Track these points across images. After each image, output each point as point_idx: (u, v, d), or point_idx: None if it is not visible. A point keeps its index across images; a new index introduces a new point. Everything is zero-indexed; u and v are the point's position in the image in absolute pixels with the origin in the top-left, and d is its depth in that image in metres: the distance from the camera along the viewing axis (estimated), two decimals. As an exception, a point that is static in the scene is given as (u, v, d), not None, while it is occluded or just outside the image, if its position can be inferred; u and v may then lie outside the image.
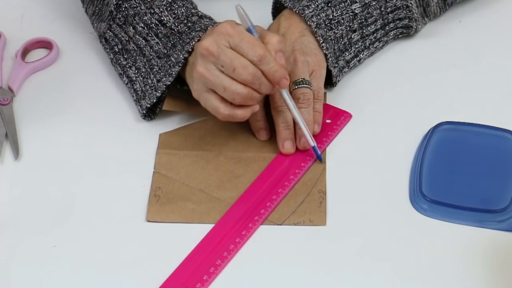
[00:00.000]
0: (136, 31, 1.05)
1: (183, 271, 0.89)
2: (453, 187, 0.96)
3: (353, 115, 1.05)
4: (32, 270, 0.91)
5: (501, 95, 1.07)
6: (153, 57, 1.03)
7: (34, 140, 1.04)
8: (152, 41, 1.03)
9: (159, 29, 1.03)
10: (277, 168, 0.99)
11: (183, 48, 0.99)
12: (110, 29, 1.07)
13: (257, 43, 0.94)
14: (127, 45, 1.06)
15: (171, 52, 1.01)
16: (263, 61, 0.93)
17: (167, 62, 1.01)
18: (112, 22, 1.07)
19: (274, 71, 0.94)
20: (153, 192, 0.97)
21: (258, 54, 0.93)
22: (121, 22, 1.06)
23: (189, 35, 1.00)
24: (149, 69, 1.03)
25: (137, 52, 1.05)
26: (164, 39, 1.03)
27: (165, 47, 1.02)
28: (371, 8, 1.08)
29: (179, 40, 1.01)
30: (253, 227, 0.93)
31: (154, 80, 1.02)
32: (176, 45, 1.01)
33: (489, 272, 0.89)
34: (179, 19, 1.02)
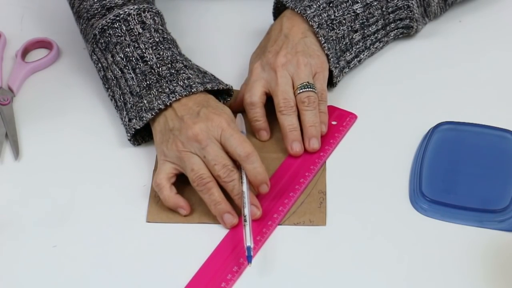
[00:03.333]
0: (114, 60, 1.03)
1: (201, 278, 0.89)
2: (453, 187, 0.96)
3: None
4: (32, 270, 0.91)
5: (501, 95, 1.07)
6: (126, 92, 1.01)
7: (34, 140, 1.04)
8: (128, 75, 1.01)
9: (138, 64, 1.01)
10: (286, 171, 0.99)
11: (159, 97, 0.98)
12: (94, 52, 1.06)
13: (247, 142, 0.94)
14: (106, 73, 1.04)
15: (144, 93, 1.00)
16: (249, 159, 0.93)
17: (139, 103, 0.99)
18: (95, 46, 1.05)
19: (258, 172, 0.93)
20: (153, 193, 0.97)
21: (246, 151, 0.93)
22: (102, 48, 1.04)
23: (169, 84, 0.99)
24: (123, 104, 1.02)
25: (114, 83, 1.03)
26: (141, 76, 1.01)
27: (139, 85, 1.00)
28: (372, 8, 1.08)
29: (156, 83, 0.99)
30: (268, 231, 0.93)
31: (126, 119, 1.01)
32: (151, 87, 0.99)
33: (489, 272, 0.89)
34: (163, 61, 1.01)
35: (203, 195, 0.94)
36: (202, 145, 0.93)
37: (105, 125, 1.05)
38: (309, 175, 0.98)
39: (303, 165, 0.99)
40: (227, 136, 0.94)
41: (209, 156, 0.93)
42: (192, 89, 0.98)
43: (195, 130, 0.94)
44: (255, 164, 0.93)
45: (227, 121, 0.95)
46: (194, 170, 0.93)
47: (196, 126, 0.94)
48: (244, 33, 1.16)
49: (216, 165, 0.93)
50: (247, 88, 1.03)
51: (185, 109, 0.97)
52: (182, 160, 0.94)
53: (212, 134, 0.94)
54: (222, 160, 0.93)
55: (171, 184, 0.95)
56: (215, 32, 1.17)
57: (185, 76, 1.00)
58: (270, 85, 1.02)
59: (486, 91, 1.08)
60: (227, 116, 0.96)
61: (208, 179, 0.93)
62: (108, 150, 1.03)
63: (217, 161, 0.93)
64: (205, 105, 0.97)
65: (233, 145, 0.94)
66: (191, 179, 0.94)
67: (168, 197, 0.94)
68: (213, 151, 0.93)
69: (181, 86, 0.99)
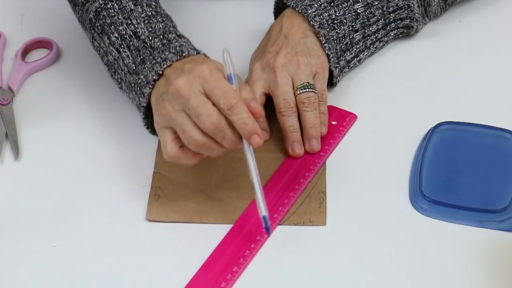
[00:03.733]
0: (110, 42, 1.01)
1: (201, 278, 0.89)
2: (453, 187, 0.96)
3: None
4: (32, 270, 0.91)
5: (501, 95, 1.07)
6: (126, 71, 1.00)
7: (34, 140, 1.04)
8: (124, 54, 0.99)
9: (132, 41, 0.99)
10: (286, 171, 0.99)
11: (152, 68, 0.95)
12: (93, 38, 1.04)
13: (231, 92, 0.88)
14: (108, 57, 1.02)
15: (140, 69, 0.98)
16: (233, 111, 0.87)
17: (138, 80, 0.97)
18: (93, 31, 1.03)
19: (243, 122, 0.88)
20: (153, 191, 0.97)
21: (228, 102, 0.87)
22: (99, 31, 1.03)
23: (161, 54, 0.96)
24: (130, 84, 1.00)
25: (116, 65, 1.01)
26: (135, 52, 0.98)
27: (134, 61, 0.98)
28: (373, 8, 1.08)
29: (149, 56, 0.97)
30: None
31: (137, 98, 0.98)
32: (145, 61, 0.97)
33: (489, 272, 0.89)
34: (155, 33, 0.99)
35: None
36: (185, 98, 0.89)
37: (105, 125, 1.05)
38: (309, 175, 0.98)
39: (303, 165, 0.99)
40: (210, 88, 0.88)
41: (192, 108, 0.88)
42: (183, 53, 0.95)
43: (177, 84, 0.89)
44: (240, 115, 0.87)
45: (209, 70, 0.89)
46: (185, 131, 0.89)
47: (178, 81, 0.89)
48: (244, 33, 1.16)
49: (199, 116, 0.88)
50: (247, 88, 1.02)
51: (173, 71, 0.93)
52: (173, 121, 0.90)
53: (195, 86, 0.89)
54: (204, 110, 0.87)
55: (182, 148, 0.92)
56: (215, 32, 1.17)
57: (177, 44, 0.97)
58: (270, 85, 1.02)
59: (486, 91, 1.08)
60: (210, 64, 0.90)
61: (202, 140, 0.89)
62: (108, 150, 1.03)
63: (199, 112, 0.87)
64: (191, 61, 0.93)
65: (216, 97, 0.88)
66: (185, 142, 0.90)
67: (189, 163, 0.92)
68: (195, 102, 0.88)
69: (173, 53, 0.96)
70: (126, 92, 1.02)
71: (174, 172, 0.99)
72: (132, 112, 1.06)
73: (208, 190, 0.98)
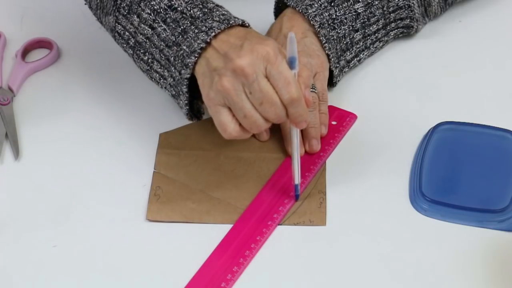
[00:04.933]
0: (141, 20, 0.98)
1: (201, 278, 0.89)
2: (453, 187, 0.96)
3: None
4: (32, 270, 0.91)
5: (501, 95, 1.07)
6: (163, 47, 0.97)
7: (34, 140, 1.04)
8: (159, 28, 0.96)
9: (168, 14, 0.96)
10: (286, 171, 0.98)
11: (197, 37, 0.93)
12: (117, 21, 1.01)
13: (294, 84, 0.88)
14: (137, 37, 0.99)
15: (181, 40, 0.95)
16: (293, 104, 0.89)
17: (179, 52, 0.95)
18: (118, 13, 1.01)
19: (300, 115, 0.89)
20: (153, 191, 0.97)
21: (290, 96, 0.88)
22: (126, 12, 1.00)
23: (204, 22, 0.93)
24: (167, 60, 0.97)
25: (149, 44, 0.99)
26: (173, 24, 0.96)
27: (173, 33, 0.95)
28: (373, 8, 1.08)
29: (191, 26, 0.94)
30: (267, 232, 0.93)
31: (176, 73, 0.95)
32: (187, 31, 0.94)
33: (489, 272, 0.89)
34: (193, 3, 0.96)
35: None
36: (249, 81, 0.88)
37: (105, 125, 1.05)
38: (309, 175, 0.98)
39: (303, 165, 0.99)
40: (273, 73, 0.88)
41: (255, 92, 0.88)
42: (230, 22, 0.93)
43: (240, 63, 0.88)
44: (298, 109, 0.89)
45: (274, 52, 0.89)
46: (247, 117, 0.89)
47: (241, 60, 0.88)
48: (244, 33, 1.15)
49: (263, 104, 0.88)
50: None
51: (227, 45, 0.91)
52: (233, 102, 0.89)
53: (259, 68, 0.88)
54: (269, 99, 0.88)
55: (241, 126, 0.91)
56: (215, 32, 1.17)
57: (219, 13, 0.95)
58: (271, 86, 1.02)
59: (486, 91, 1.08)
60: (273, 45, 0.90)
61: (263, 126, 0.90)
62: (108, 150, 1.03)
63: (264, 100, 0.88)
64: (248, 38, 0.91)
65: (278, 86, 0.88)
66: (244, 125, 0.90)
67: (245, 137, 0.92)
68: (259, 88, 0.88)
69: (217, 21, 0.93)
70: (159, 72, 0.99)
71: (174, 172, 0.99)
72: (133, 112, 1.06)
73: (208, 190, 0.98)
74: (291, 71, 0.89)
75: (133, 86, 1.10)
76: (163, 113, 1.05)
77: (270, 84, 0.88)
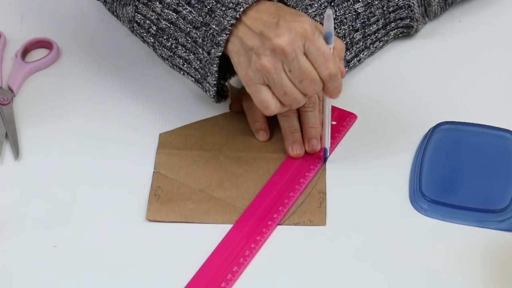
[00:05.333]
0: (164, 5, 0.97)
1: (201, 278, 0.89)
2: (453, 187, 0.96)
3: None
4: (32, 270, 0.91)
5: (501, 95, 1.07)
6: (190, 29, 0.96)
7: (34, 140, 1.04)
8: (184, 11, 0.96)
9: None
10: (286, 171, 0.99)
11: (226, 14, 0.92)
12: (137, 11, 1.00)
13: (331, 59, 0.90)
14: (160, 24, 0.98)
15: (209, 19, 0.94)
16: (331, 79, 0.90)
17: (208, 31, 0.94)
18: (137, 2, 1.00)
19: (337, 89, 0.92)
20: (153, 191, 0.97)
21: (329, 72, 0.90)
22: (146, 0, 1.00)
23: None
24: (194, 43, 0.96)
25: (173, 29, 0.98)
26: (198, 5, 0.94)
27: (200, 14, 0.94)
28: (373, 8, 1.08)
29: (217, 4, 0.93)
30: (268, 231, 0.93)
31: (205, 54, 0.94)
32: (214, 10, 0.93)
33: (489, 272, 0.89)
34: None
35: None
36: (288, 59, 0.89)
37: (105, 125, 1.05)
38: (309, 175, 0.98)
39: (303, 165, 0.99)
40: (312, 50, 0.89)
41: (295, 70, 0.89)
42: None
43: (280, 43, 0.88)
44: (336, 83, 0.91)
45: (311, 28, 0.89)
46: (287, 94, 0.90)
47: (280, 39, 0.89)
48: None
49: (303, 81, 0.90)
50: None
51: (261, 23, 0.91)
52: (273, 81, 0.90)
53: (297, 45, 0.89)
54: (309, 76, 0.90)
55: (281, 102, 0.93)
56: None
57: None
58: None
59: (486, 91, 1.08)
60: (309, 21, 0.90)
61: (303, 101, 0.92)
62: (108, 150, 1.03)
63: (304, 77, 0.89)
64: (282, 14, 0.91)
65: (317, 62, 0.89)
66: (284, 101, 0.91)
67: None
68: (299, 65, 0.89)
69: None
70: (183, 57, 0.99)
71: (174, 172, 0.99)
72: (133, 112, 1.06)
73: (208, 190, 0.98)
74: (328, 47, 0.90)
75: (133, 86, 1.10)
76: (163, 113, 1.05)
77: (309, 62, 0.90)
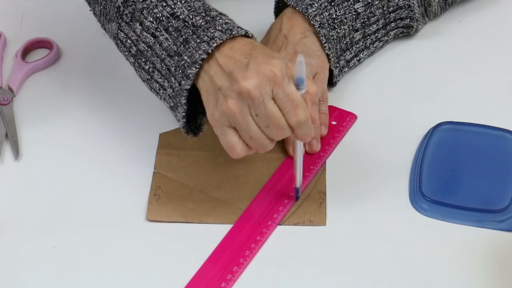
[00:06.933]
0: (144, 27, 0.96)
1: (201, 278, 0.89)
2: (453, 187, 0.96)
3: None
4: (32, 270, 0.91)
5: (501, 95, 1.07)
6: (165, 56, 0.94)
7: (34, 140, 1.04)
8: (161, 37, 0.93)
9: (170, 22, 0.93)
10: (286, 171, 0.99)
11: (199, 47, 0.90)
12: (120, 28, 0.99)
13: (300, 105, 0.86)
14: (139, 45, 0.97)
15: (182, 50, 0.93)
16: (300, 126, 0.87)
17: (180, 62, 0.92)
18: (120, 20, 0.98)
19: (306, 134, 0.88)
20: (153, 191, 0.97)
21: (298, 119, 0.86)
22: (128, 19, 0.98)
23: (206, 32, 0.90)
24: (167, 70, 0.95)
25: (150, 53, 0.96)
26: (175, 33, 0.92)
27: (175, 42, 0.92)
28: (373, 8, 1.08)
29: (193, 35, 0.91)
30: (267, 232, 0.93)
31: (176, 83, 0.92)
32: (188, 40, 0.91)
33: (489, 272, 0.89)
34: (195, 11, 0.92)
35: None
36: (255, 103, 0.86)
37: (105, 125, 1.05)
38: (309, 175, 0.98)
39: (303, 165, 0.99)
40: (280, 95, 0.86)
41: (262, 115, 0.86)
42: (232, 32, 0.90)
43: (246, 87, 0.85)
44: (305, 130, 0.88)
45: (281, 72, 0.86)
46: (253, 139, 0.88)
47: (247, 83, 0.86)
48: (244, 33, 1.16)
49: (270, 126, 0.87)
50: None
51: (232, 62, 0.88)
52: (239, 124, 0.87)
53: (266, 90, 0.86)
54: (276, 122, 0.87)
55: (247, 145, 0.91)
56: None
57: (222, 22, 0.92)
58: (271, 86, 1.01)
59: (486, 91, 1.08)
60: (279, 64, 0.87)
61: (270, 147, 0.89)
62: (108, 150, 1.03)
63: (271, 123, 0.86)
64: (254, 55, 0.88)
65: (285, 109, 0.86)
66: (251, 145, 0.89)
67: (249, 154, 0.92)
68: (266, 111, 0.86)
69: (219, 31, 0.90)
70: (159, 82, 0.97)
71: (174, 172, 0.99)
72: (133, 112, 1.06)
73: (208, 190, 0.98)
74: (298, 93, 0.87)
75: (133, 86, 1.09)
76: (163, 113, 1.05)
77: (277, 107, 0.87)
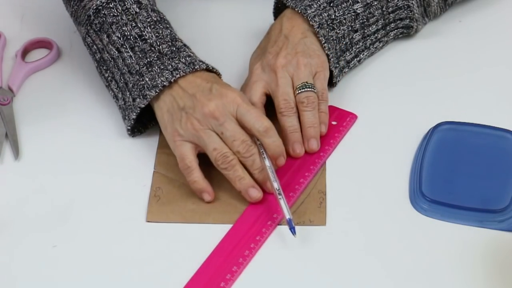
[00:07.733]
0: (110, 40, 1.02)
1: (200, 278, 0.89)
2: (453, 187, 0.96)
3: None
4: (32, 270, 0.91)
5: (501, 95, 1.07)
6: (125, 71, 1.01)
7: (34, 140, 1.04)
8: (125, 53, 1.01)
9: (137, 42, 1.01)
10: (286, 171, 0.98)
11: (162, 74, 0.98)
12: (88, 34, 1.05)
13: (264, 116, 0.95)
14: (103, 55, 1.04)
15: (144, 71, 0.99)
16: (268, 134, 0.94)
17: (140, 81, 0.99)
18: (89, 28, 1.04)
19: (276, 145, 0.95)
20: (153, 192, 0.97)
21: (264, 126, 0.94)
22: (97, 29, 1.04)
23: (171, 61, 0.99)
24: (124, 84, 1.01)
25: (112, 64, 1.02)
26: (140, 54, 1.00)
27: (138, 62, 1.00)
28: (372, 8, 1.08)
29: (157, 60, 0.99)
30: (267, 232, 0.93)
31: (130, 99, 1.00)
32: (152, 64, 0.99)
33: (489, 272, 0.89)
34: (163, 39, 1.01)
35: (226, 172, 0.94)
36: (219, 122, 0.94)
37: (105, 125, 1.05)
38: (309, 175, 0.98)
39: (303, 165, 0.99)
40: (243, 112, 0.94)
41: (227, 132, 0.94)
42: (194, 66, 0.98)
43: (211, 107, 0.94)
44: (274, 138, 0.95)
45: (240, 96, 0.95)
46: (217, 149, 0.94)
47: (211, 103, 0.94)
48: (244, 33, 1.16)
49: (235, 141, 0.94)
50: (247, 89, 1.03)
51: (194, 86, 0.97)
52: (201, 138, 0.94)
53: (228, 110, 0.94)
54: (240, 136, 0.94)
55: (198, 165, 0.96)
56: (215, 32, 1.17)
57: (186, 54, 1.00)
58: (271, 86, 1.02)
59: (486, 91, 1.08)
60: (239, 92, 0.97)
61: (232, 157, 0.94)
62: (108, 150, 1.03)
63: (236, 137, 0.94)
64: (215, 81, 0.97)
65: (250, 121, 0.94)
66: (214, 158, 0.94)
67: (199, 179, 0.95)
68: (231, 127, 0.94)
69: (183, 63, 0.99)
70: (114, 91, 1.03)
71: (174, 172, 0.99)
72: (132, 112, 1.06)
73: (208, 190, 0.98)
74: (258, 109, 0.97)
75: (133, 86, 1.10)
76: (163, 113, 1.05)
77: (239, 126, 0.94)
